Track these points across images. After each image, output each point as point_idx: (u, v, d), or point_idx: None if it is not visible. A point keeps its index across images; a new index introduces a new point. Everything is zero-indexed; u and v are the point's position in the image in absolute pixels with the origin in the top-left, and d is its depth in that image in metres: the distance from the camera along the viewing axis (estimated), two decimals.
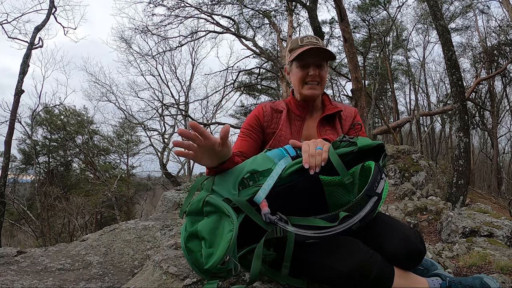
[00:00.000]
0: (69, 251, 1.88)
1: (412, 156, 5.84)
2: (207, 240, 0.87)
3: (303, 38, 1.34)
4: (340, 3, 7.30)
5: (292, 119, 1.36)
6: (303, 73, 1.31)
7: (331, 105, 1.39)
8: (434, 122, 19.60)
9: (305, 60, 1.31)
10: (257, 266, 0.91)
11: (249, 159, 1.05)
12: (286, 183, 1.02)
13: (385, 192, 0.94)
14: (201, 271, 0.87)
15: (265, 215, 0.89)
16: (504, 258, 1.82)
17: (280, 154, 1.04)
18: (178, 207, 4.31)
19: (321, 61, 1.31)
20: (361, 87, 7.46)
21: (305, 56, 1.29)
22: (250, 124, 1.35)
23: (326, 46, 1.36)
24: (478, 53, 14.71)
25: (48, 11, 10.15)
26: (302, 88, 1.33)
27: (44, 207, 13.79)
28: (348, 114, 1.40)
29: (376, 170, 0.94)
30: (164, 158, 16.16)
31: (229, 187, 0.96)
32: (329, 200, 1.17)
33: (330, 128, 1.35)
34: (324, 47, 1.29)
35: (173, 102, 16.63)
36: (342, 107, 1.40)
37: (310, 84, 1.31)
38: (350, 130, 1.37)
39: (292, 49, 1.35)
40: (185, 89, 17.56)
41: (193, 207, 0.95)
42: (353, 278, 0.92)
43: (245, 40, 12.47)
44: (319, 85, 1.32)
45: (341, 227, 0.86)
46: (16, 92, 8.92)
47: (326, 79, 1.35)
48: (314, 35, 7.00)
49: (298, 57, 1.30)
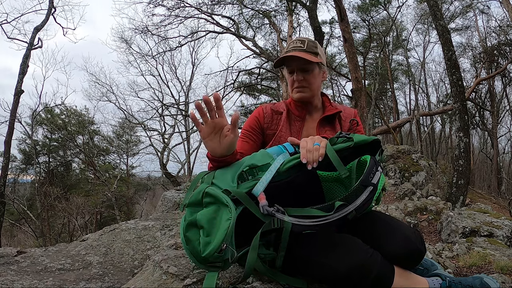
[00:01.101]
0: (69, 251, 1.88)
1: (412, 156, 5.84)
2: (205, 229, 0.88)
3: (291, 42, 1.35)
4: (340, 3, 7.30)
5: (292, 120, 1.37)
6: (291, 78, 1.34)
7: (331, 106, 1.40)
8: (434, 122, 19.62)
9: (290, 65, 1.32)
10: (253, 257, 0.91)
11: (248, 155, 1.07)
12: (284, 179, 1.03)
13: (381, 184, 0.96)
14: (198, 260, 0.88)
15: (262, 207, 0.90)
16: (504, 258, 1.82)
17: (278, 150, 1.06)
18: (178, 207, 4.32)
19: (305, 65, 1.29)
20: (361, 87, 7.46)
21: (289, 62, 1.31)
22: (250, 125, 1.36)
23: (326, 46, 1.35)
24: (478, 53, 14.71)
25: (48, 11, 10.15)
26: (292, 92, 1.36)
27: (44, 207, 13.78)
28: (348, 115, 1.41)
29: (372, 162, 0.96)
30: (164, 158, 16.17)
31: (228, 180, 0.98)
32: (327, 196, 1.18)
33: (329, 128, 1.36)
34: (304, 53, 1.27)
35: (173, 102, 16.65)
36: (342, 108, 1.41)
37: (297, 88, 1.33)
38: (349, 130, 1.38)
39: (283, 54, 1.37)
40: (185, 89, 17.59)
41: (193, 199, 0.96)
42: (352, 278, 0.92)
43: (245, 40, 12.48)
44: (308, 89, 1.32)
45: (337, 215, 0.87)
46: (16, 92, 8.93)
47: (315, 82, 1.34)
48: (314, 35, 6.93)
49: (284, 63, 1.32)
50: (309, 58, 1.26)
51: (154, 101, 16.43)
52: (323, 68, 1.36)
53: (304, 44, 1.30)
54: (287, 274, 1.05)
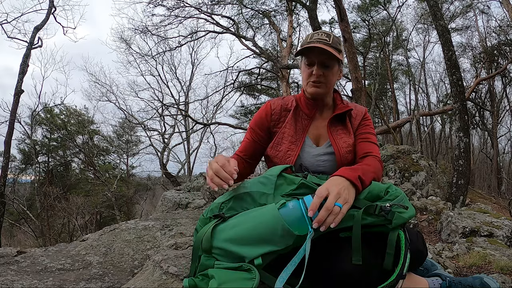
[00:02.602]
0: (69, 251, 1.88)
1: (412, 156, 5.83)
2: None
3: (314, 33, 1.24)
4: (340, 3, 7.29)
5: (298, 117, 1.30)
6: (308, 71, 1.25)
7: (342, 104, 1.33)
8: (434, 122, 19.63)
9: (310, 58, 1.23)
10: None
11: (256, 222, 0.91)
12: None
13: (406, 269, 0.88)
14: None
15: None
16: (504, 258, 1.82)
17: (296, 214, 0.88)
18: (178, 207, 4.31)
19: (327, 60, 1.21)
20: (361, 87, 7.46)
21: (310, 54, 1.23)
22: (257, 123, 1.31)
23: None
24: (478, 53, 14.72)
25: (48, 10, 10.16)
26: (306, 85, 1.28)
27: (44, 207, 13.78)
28: (358, 113, 1.34)
29: (407, 247, 0.87)
30: (164, 158, 16.19)
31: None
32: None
33: (341, 127, 1.29)
34: (330, 47, 1.19)
35: (173, 102, 16.64)
36: (353, 106, 1.35)
37: (314, 83, 1.25)
38: (359, 127, 1.32)
39: (302, 44, 1.27)
40: (185, 89, 17.60)
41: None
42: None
43: (245, 40, 12.47)
44: (324, 85, 1.25)
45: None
46: (16, 92, 8.93)
47: (333, 79, 1.27)
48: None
49: (304, 53, 1.24)
50: (335, 54, 1.18)
51: (154, 101, 16.45)
52: (341, 66, 1.30)
53: (329, 38, 1.21)
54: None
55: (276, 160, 1.25)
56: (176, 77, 17.44)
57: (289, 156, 1.23)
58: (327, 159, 1.24)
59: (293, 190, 0.98)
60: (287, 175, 1.05)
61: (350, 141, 1.26)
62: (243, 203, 0.99)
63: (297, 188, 0.98)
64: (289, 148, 1.24)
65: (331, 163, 1.24)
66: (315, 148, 1.26)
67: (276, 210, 0.88)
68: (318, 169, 1.23)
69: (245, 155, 1.28)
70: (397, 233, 0.88)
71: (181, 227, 2.28)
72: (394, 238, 0.88)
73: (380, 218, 0.88)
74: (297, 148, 1.23)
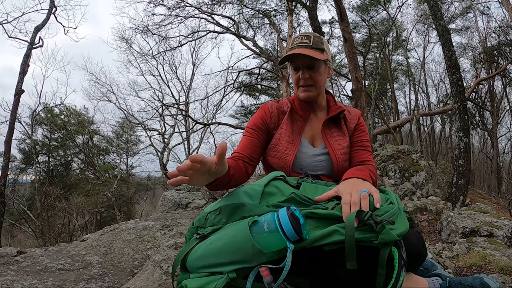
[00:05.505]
0: (69, 251, 1.88)
1: (412, 156, 5.83)
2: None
3: (295, 38, 1.26)
4: (340, 3, 7.29)
5: (294, 118, 1.32)
6: (296, 76, 1.27)
7: (335, 105, 1.34)
8: (434, 122, 19.64)
9: (295, 63, 1.25)
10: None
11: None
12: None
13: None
14: None
15: (268, 284, 0.80)
16: (504, 258, 1.82)
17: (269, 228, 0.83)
18: (178, 207, 4.31)
19: (312, 62, 1.22)
20: (361, 87, 7.46)
21: (294, 59, 1.24)
22: (256, 124, 1.31)
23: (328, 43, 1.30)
24: (478, 53, 14.72)
25: (49, 10, 10.17)
26: (297, 90, 1.30)
27: (44, 207, 13.78)
28: (353, 116, 1.36)
29: (400, 265, 0.81)
30: (164, 158, 16.20)
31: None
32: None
33: (336, 129, 1.31)
34: (310, 50, 1.20)
35: (173, 102, 16.66)
36: (346, 108, 1.36)
37: (303, 87, 1.26)
38: (355, 131, 1.34)
39: (286, 50, 1.31)
40: (185, 89, 17.62)
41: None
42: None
43: (245, 40, 12.49)
44: (314, 87, 1.26)
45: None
46: (16, 92, 8.93)
47: (322, 79, 1.27)
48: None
49: (288, 60, 1.26)
50: (316, 56, 1.19)
51: (154, 101, 16.48)
52: (328, 64, 1.30)
53: (310, 40, 1.22)
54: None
55: (275, 160, 1.26)
56: (176, 77, 17.49)
57: (287, 156, 1.24)
58: (324, 159, 1.26)
59: (281, 202, 0.96)
60: (282, 183, 1.04)
61: (345, 143, 1.29)
62: (228, 214, 0.96)
63: (285, 201, 0.96)
64: (286, 147, 1.26)
65: (328, 163, 1.26)
66: (312, 149, 1.28)
67: (247, 228, 0.85)
68: (315, 169, 1.25)
69: (243, 155, 1.25)
70: (390, 250, 0.82)
71: (181, 227, 2.28)
72: (385, 256, 0.81)
73: (367, 234, 0.83)
74: (294, 148, 1.25)
